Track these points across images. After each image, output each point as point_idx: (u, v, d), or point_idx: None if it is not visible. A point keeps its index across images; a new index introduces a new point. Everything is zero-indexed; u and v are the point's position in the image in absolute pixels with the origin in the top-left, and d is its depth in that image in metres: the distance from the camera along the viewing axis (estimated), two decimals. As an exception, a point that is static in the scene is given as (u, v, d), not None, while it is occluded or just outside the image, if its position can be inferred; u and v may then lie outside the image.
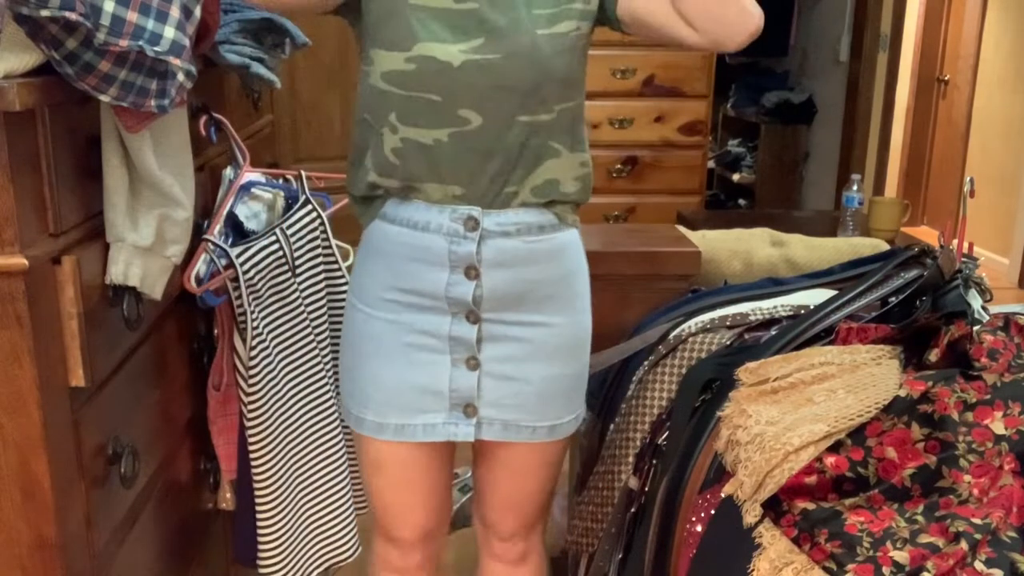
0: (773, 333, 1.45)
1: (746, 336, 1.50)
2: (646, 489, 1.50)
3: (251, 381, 1.38)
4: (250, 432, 1.40)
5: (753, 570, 1.11)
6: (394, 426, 1.33)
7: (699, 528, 1.27)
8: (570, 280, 1.35)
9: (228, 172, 1.50)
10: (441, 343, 1.30)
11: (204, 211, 1.40)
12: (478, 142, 1.23)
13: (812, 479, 1.13)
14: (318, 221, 1.59)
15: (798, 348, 1.37)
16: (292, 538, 1.51)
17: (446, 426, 1.33)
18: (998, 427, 1.12)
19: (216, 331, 1.43)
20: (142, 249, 1.06)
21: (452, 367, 1.31)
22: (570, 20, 1.23)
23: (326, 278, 1.61)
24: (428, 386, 1.31)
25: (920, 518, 1.08)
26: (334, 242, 1.62)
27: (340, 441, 1.62)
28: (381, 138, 1.25)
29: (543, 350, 1.34)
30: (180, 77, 0.96)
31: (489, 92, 1.21)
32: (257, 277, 1.40)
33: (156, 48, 0.91)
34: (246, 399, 1.39)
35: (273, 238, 1.45)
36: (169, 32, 0.93)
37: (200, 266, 1.32)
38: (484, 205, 1.26)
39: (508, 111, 1.23)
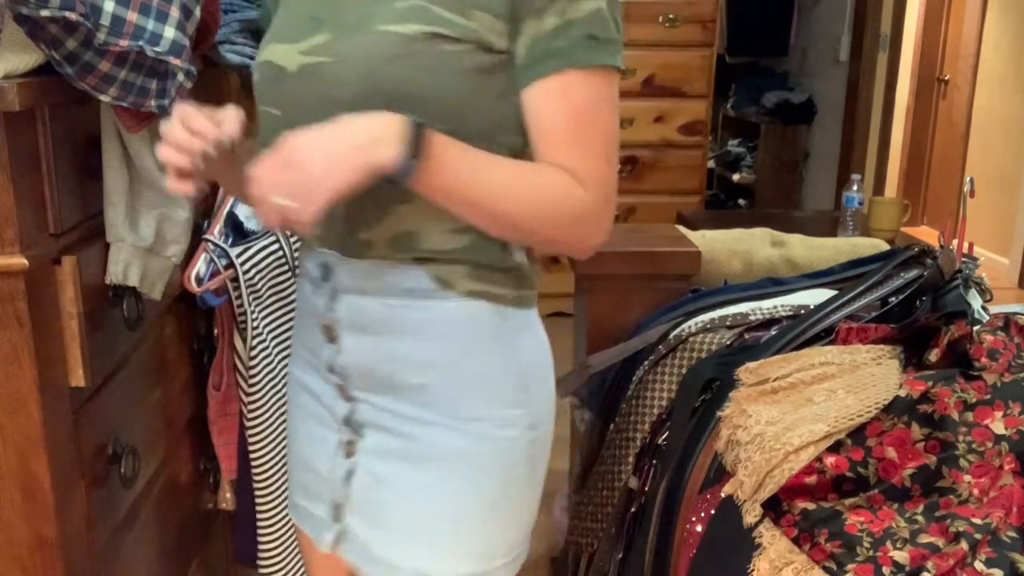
0: (773, 333, 1.45)
1: (746, 336, 1.50)
2: (646, 489, 1.50)
3: (251, 381, 1.38)
4: (250, 432, 1.40)
5: (753, 570, 1.11)
6: (297, 506, 1.16)
7: (699, 528, 1.28)
8: (459, 372, 1.01)
9: (228, 172, 1.50)
10: (328, 415, 1.08)
11: (204, 211, 1.40)
12: None
13: (812, 479, 1.13)
14: (318, 221, 1.58)
15: (798, 348, 1.37)
16: (292, 538, 1.51)
17: (322, 526, 1.11)
18: (998, 427, 1.12)
19: (216, 331, 1.43)
20: (142, 249, 1.06)
21: (335, 451, 1.08)
22: (423, 23, 0.92)
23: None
24: (315, 468, 1.10)
25: (920, 518, 1.08)
26: (334, 242, 1.62)
27: (340, 441, 1.62)
28: None
29: (419, 453, 1.03)
30: (180, 77, 0.96)
31: (321, 106, 0.92)
32: (257, 277, 1.40)
33: (156, 48, 0.91)
34: (246, 399, 1.39)
35: (273, 238, 1.45)
36: (169, 32, 0.93)
37: (200, 266, 1.32)
38: (341, 251, 1.00)
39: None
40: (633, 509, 1.52)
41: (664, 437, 1.49)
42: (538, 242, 1.01)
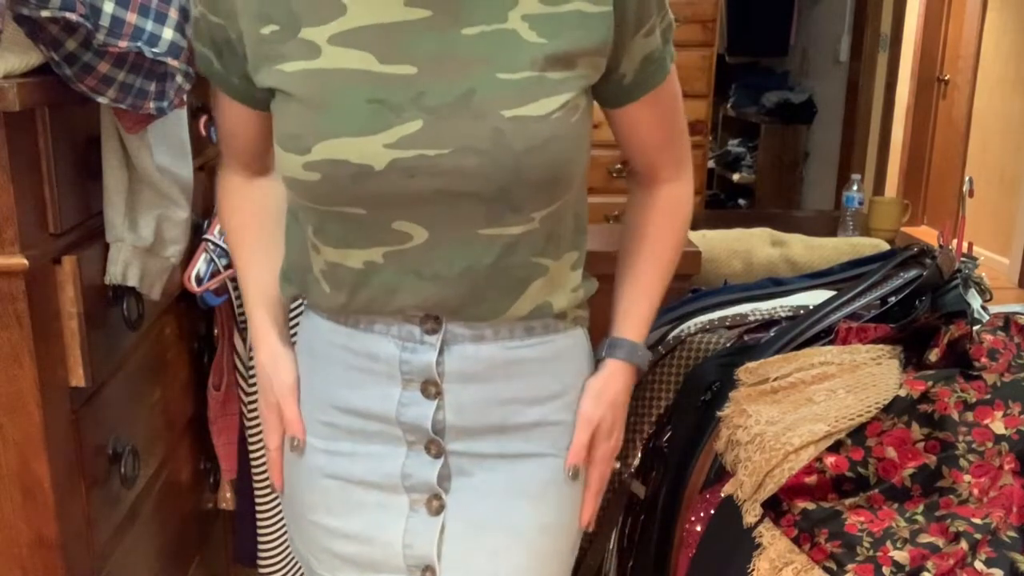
0: (772, 334, 1.45)
1: (746, 337, 1.50)
2: (648, 494, 1.50)
3: (251, 381, 1.38)
4: (250, 432, 1.40)
5: (753, 570, 1.11)
6: None
7: (699, 528, 1.28)
8: (568, 400, 1.01)
9: (228, 172, 1.50)
10: (393, 481, 0.99)
11: (204, 211, 1.40)
12: (425, 262, 0.91)
13: (812, 479, 1.13)
14: (318, 221, 1.58)
15: (798, 348, 1.37)
16: (292, 538, 1.51)
17: None
18: (998, 427, 1.12)
19: (216, 331, 1.43)
20: (141, 249, 1.06)
21: (410, 513, 0.99)
22: (548, 95, 0.85)
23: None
24: (376, 538, 1.00)
25: (920, 518, 1.08)
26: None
27: (340, 441, 1.62)
28: (308, 255, 0.97)
29: (536, 487, 1.00)
30: (179, 79, 0.96)
31: (434, 200, 0.86)
32: (257, 277, 1.40)
33: (155, 49, 0.91)
34: (246, 399, 1.39)
35: (273, 238, 1.45)
36: (168, 33, 0.93)
37: (200, 266, 1.32)
38: (460, 320, 0.95)
39: (464, 223, 0.89)
40: (642, 516, 1.52)
41: (666, 439, 1.49)
42: None
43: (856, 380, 1.22)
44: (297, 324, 1.09)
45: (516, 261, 0.92)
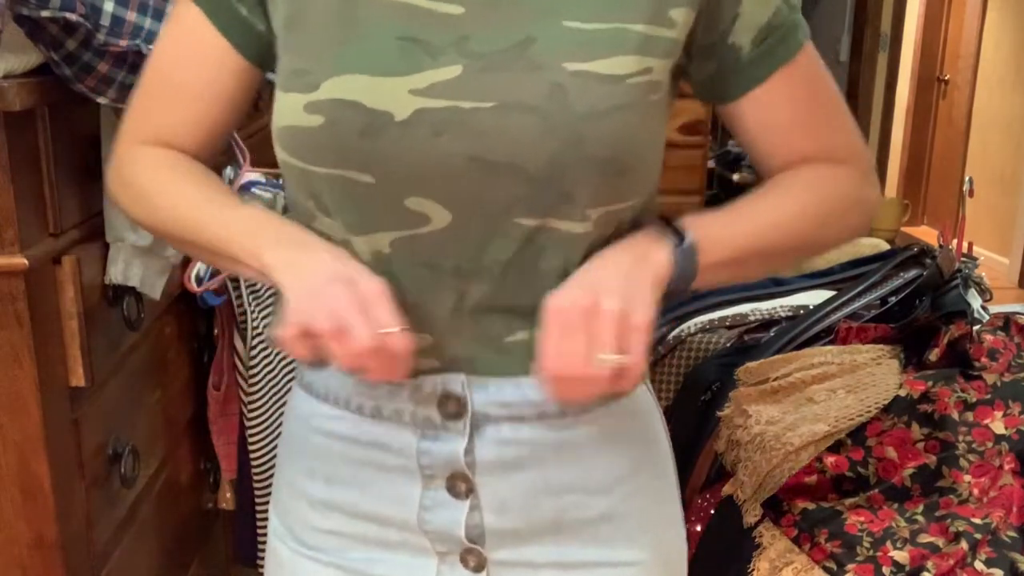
0: (772, 334, 1.45)
1: (746, 337, 1.50)
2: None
3: (251, 381, 1.38)
4: (250, 432, 1.40)
5: (753, 570, 1.11)
6: None
7: (699, 528, 1.28)
8: (649, 478, 0.80)
9: (228, 172, 1.50)
10: None
11: (204, 211, 1.40)
12: (442, 256, 0.70)
13: (812, 479, 1.13)
14: (318, 221, 1.58)
15: (798, 348, 1.37)
16: (292, 538, 1.51)
17: None
18: (998, 427, 1.12)
19: (216, 331, 1.43)
20: (141, 249, 1.06)
21: None
22: (630, 53, 0.67)
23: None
24: None
25: (920, 518, 1.08)
26: (334, 242, 1.62)
27: (340, 441, 1.62)
28: None
29: None
30: (180, 77, 0.96)
31: (465, 170, 0.66)
32: (257, 277, 1.40)
33: (152, 47, 0.91)
34: (246, 399, 1.39)
35: (273, 238, 1.45)
36: (168, 32, 0.92)
37: (200, 266, 1.32)
38: (470, 368, 0.73)
39: (500, 207, 0.68)
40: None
41: (664, 437, 1.49)
42: (819, 252, 0.87)
43: (856, 380, 1.22)
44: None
45: (555, 264, 0.70)
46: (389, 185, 0.68)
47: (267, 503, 1.44)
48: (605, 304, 0.64)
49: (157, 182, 0.76)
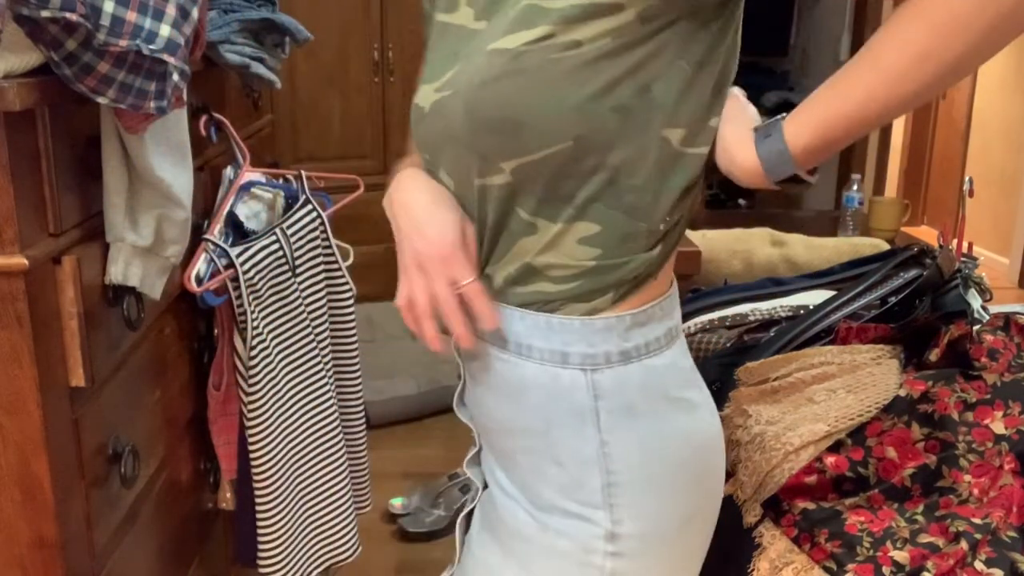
0: (772, 334, 1.45)
1: (746, 337, 1.50)
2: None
3: (251, 381, 1.38)
4: (250, 432, 1.40)
5: (753, 570, 1.11)
6: None
7: (699, 528, 1.27)
8: (538, 458, 0.89)
9: (228, 172, 1.50)
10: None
11: (204, 211, 1.40)
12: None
13: (812, 479, 1.13)
14: (318, 221, 1.59)
15: (798, 348, 1.37)
16: (292, 538, 1.51)
17: None
18: (998, 427, 1.12)
19: (216, 331, 1.43)
20: (141, 249, 1.06)
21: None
22: (536, 25, 0.77)
23: (326, 278, 1.61)
24: None
25: (920, 518, 1.08)
26: (334, 242, 1.62)
27: (340, 441, 1.62)
28: None
29: (505, 532, 0.94)
30: (175, 77, 0.96)
31: (444, 145, 0.86)
32: (257, 277, 1.40)
33: (152, 46, 0.91)
34: (246, 399, 1.39)
35: (273, 238, 1.45)
36: (165, 30, 0.92)
37: (200, 266, 1.32)
38: None
39: (466, 172, 0.85)
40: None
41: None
42: (1000, 48, 0.75)
43: (856, 380, 1.22)
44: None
45: (503, 211, 0.84)
46: (428, 162, 0.90)
47: (267, 503, 1.45)
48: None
49: None
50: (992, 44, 0.72)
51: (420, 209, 0.87)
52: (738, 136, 0.83)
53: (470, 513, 1.03)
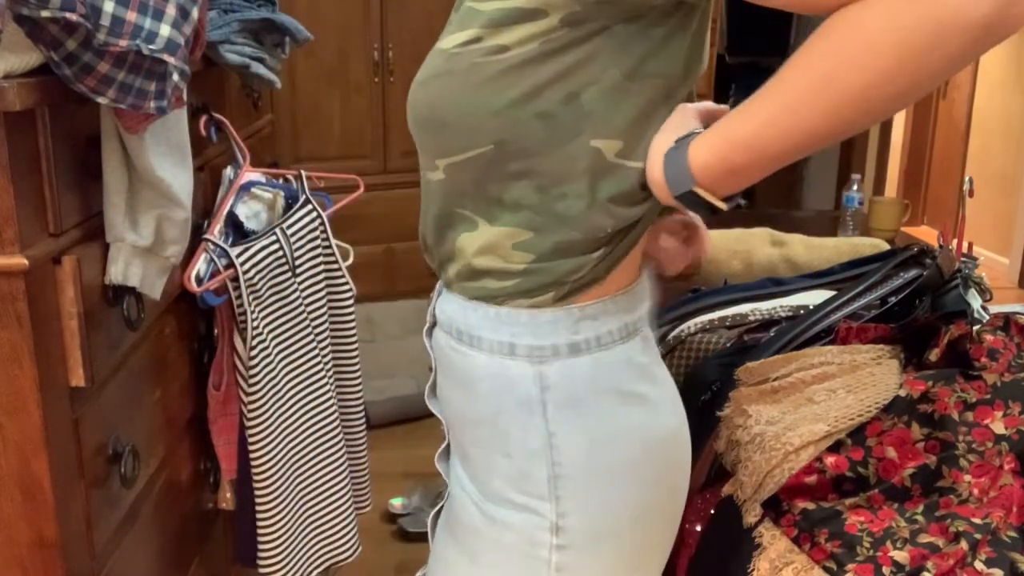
0: (772, 334, 1.45)
1: (746, 337, 1.50)
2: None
3: (251, 381, 1.38)
4: (250, 432, 1.40)
5: (753, 570, 1.11)
6: None
7: (699, 528, 1.28)
8: (487, 450, 0.89)
9: (228, 172, 1.50)
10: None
11: (204, 211, 1.40)
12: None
13: (812, 479, 1.13)
14: (318, 221, 1.59)
15: (798, 348, 1.37)
16: (292, 538, 1.51)
17: None
18: (998, 427, 1.12)
19: (216, 331, 1.43)
20: (141, 249, 1.06)
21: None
22: (468, 27, 0.78)
23: (326, 278, 1.61)
24: None
25: (920, 518, 1.08)
26: (334, 242, 1.62)
27: (340, 441, 1.62)
28: None
29: (460, 526, 0.94)
30: (175, 77, 0.96)
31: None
32: (257, 277, 1.40)
33: (152, 46, 0.91)
34: (246, 399, 1.39)
35: (273, 238, 1.45)
36: (164, 30, 0.92)
37: (200, 266, 1.32)
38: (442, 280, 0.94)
39: (423, 163, 0.89)
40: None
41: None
42: (921, 92, 0.68)
43: (856, 380, 1.22)
44: None
45: (448, 205, 0.86)
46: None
47: (267, 503, 1.45)
48: None
49: None
50: (907, 77, 0.64)
51: None
52: (659, 146, 0.79)
53: (440, 511, 1.03)
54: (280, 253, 1.46)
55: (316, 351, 1.56)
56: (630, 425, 0.87)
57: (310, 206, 1.58)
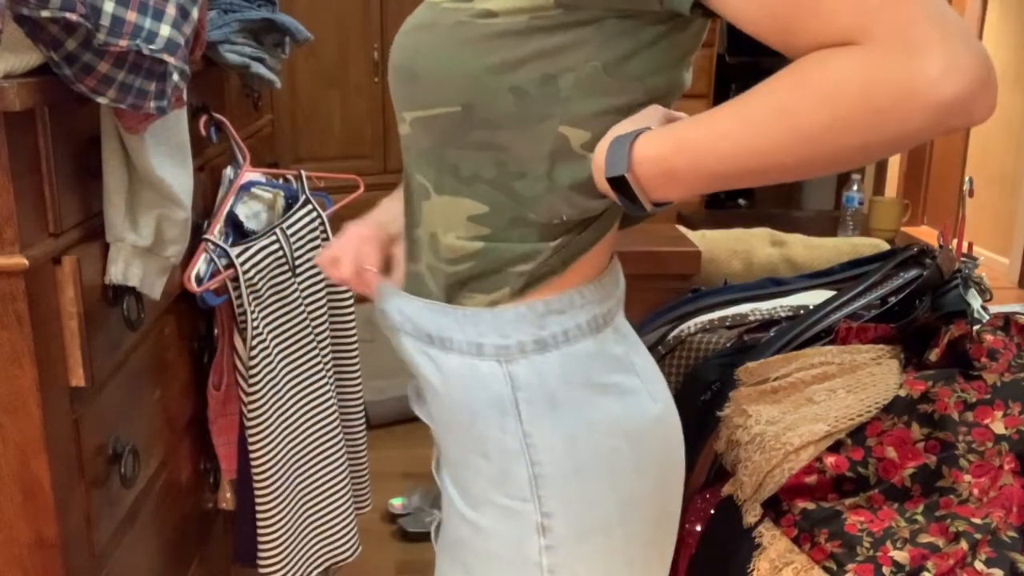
0: (772, 334, 1.45)
1: (746, 337, 1.50)
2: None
3: (251, 381, 1.38)
4: (250, 432, 1.40)
5: (753, 570, 1.11)
6: None
7: (699, 528, 1.28)
8: (463, 450, 0.88)
9: (228, 172, 1.50)
10: None
11: (204, 211, 1.40)
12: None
13: (812, 479, 1.13)
14: (318, 221, 1.59)
15: (798, 348, 1.37)
16: (292, 538, 1.51)
17: None
18: (998, 427, 1.12)
19: (216, 331, 1.43)
20: (141, 249, 1.06)
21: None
22: None
23: (326, 278, 1.61)
24: None
25: (920, 518, 1.08)
26: (334, 242, 1.62)
27: (340, 441, 1.62)
28: None
29: (447, 543, 0.93)
30: (175, 77, 0.96)
31: None
32: (257, 277, 1.40)
33: (152, 46, 0.91)
34: (246, 399, 1.39)
35: (273, 238, 1.45)
36: (164, 30, 0.92)
37: (200, 266, 1.32)
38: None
39: (397, 115, 0.88)
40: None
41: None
42: (867, 158, 0.69)
43: (856, 380, 1.22)
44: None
45: (410, 166, 0.86)
46: None
47: (267, 503, 1.45)
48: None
49: None
50: (860, 135, 0.64)
51: None
52: (614, 130, 0.77)
53: (440, 525, 1.01)
54: (280, 253, 1.46)
55: (316, 351, 1.56)
56: (608, 417, 0.85)
57: (310, 206, 1.58)
